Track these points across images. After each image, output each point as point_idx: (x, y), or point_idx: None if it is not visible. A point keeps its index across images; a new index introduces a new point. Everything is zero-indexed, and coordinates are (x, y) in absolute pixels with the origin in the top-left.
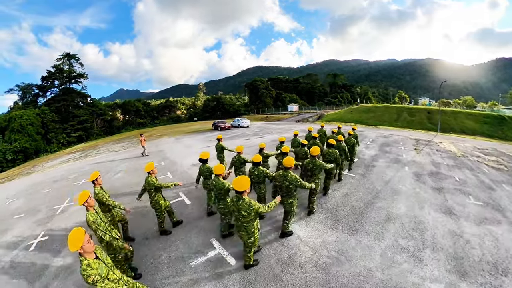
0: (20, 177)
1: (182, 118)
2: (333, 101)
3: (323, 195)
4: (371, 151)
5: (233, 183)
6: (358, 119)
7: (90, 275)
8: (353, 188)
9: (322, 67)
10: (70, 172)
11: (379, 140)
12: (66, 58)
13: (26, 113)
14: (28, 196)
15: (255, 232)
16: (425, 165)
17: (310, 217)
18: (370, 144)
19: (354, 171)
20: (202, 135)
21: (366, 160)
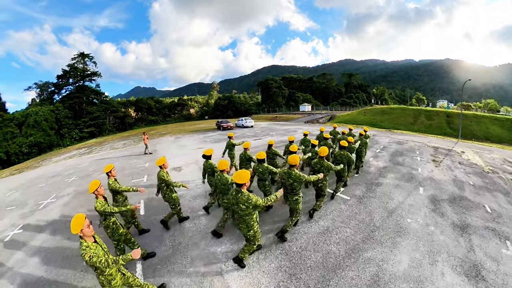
0: (28, 170)
1: (193, 116)
2: (348, 101)
3: (331, 196)
4: (380, 162)
5: (234, 176)
6: (372, 122)
7: (88, 252)
8: (340, 219)
9: (338, 67)
10: (68, 168)
11: (392, 148)
12: (80, 57)
13: (41, 110)
14: (25, 189)
15: (254, 225)
16: (445, 184)
17: (258, 262)
18: (380, 152)
19: (350, 192)
20: (202, 134)
21: (370, 174)
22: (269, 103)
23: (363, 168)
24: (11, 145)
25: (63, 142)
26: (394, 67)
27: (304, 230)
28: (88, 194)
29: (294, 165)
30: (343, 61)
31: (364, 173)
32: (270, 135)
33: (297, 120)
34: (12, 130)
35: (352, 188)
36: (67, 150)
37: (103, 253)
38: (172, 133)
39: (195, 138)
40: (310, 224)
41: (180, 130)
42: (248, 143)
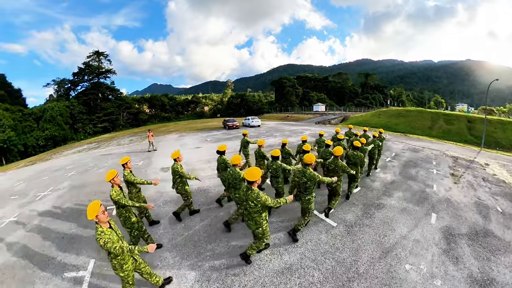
0: (39, 162)
1: (206, 114)
2: (364, 102)
3: (346, 199)
4: (388, 175)
5: (245, 173)
6: (386, 124)
7: (102, 237)
8: (313, 255)
9: (355, 67)
10: (71, 162)
11: (405, 156)
12: (95, 56)
13: (56, 105)
14: (30, 181)
15: (263, 223)
16: (465, 210)
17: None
18: (390, 162)
19: (340, 215)
20: (206, 133)
21: (373, 191)
22: (282, 102)
23: (373, 175)
24: (29, 138)
25: (77, 136)
26: (412, 68)
27: (260, 264)
28: (81, 188)
29: (309, 164)
30: (360, 61)
31: (365, 188)
32: (274, 136)
33: (308, 121)
34: (30, 124)
35: (345, 210)
36: (79, 144)
37: (117, 238)
38: (179, 130)
39: (197, 137)
40: (271, 256)
41: (188, 128)
42: (263, 141)
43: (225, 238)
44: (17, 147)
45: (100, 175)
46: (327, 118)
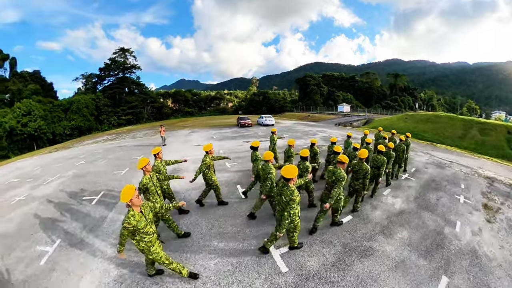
0: (61, 150)
1: (228, 110)
2: (392, 105)
3: (370, 197)
4: (398, 200)
5: (282, 170)
6: (413, 130)
7: (129, 222)
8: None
9: (385, 67)
10: (84, 152)
11: (427, 173)
12: (121, 52)
13: (83, 98)
14: (46, 167)
15: (295, 218)
16: (500, 275)
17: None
18: (407, 180)
19: (300, 256)
20: (216, 130)
21: (368, 224)
22: (305, 101)
23: (378, 198)
24: (57, 127)
25: (101, 127)
26: (444, 70)
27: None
28: (80, 177)
29: (343, 163)
30: (390, 61)
31: (358, 218)
32: (283, 137)
33: (328, 121)
34: (59, 115)
35: (313, 249)
36: (100, 135)
37: (145, 223)
38: (195, 126)
39: (206, 133)
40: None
41: (204, 124)
42: (293, 141)
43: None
44: (46, 135)
45: (100, 166)
46: (350, 119)
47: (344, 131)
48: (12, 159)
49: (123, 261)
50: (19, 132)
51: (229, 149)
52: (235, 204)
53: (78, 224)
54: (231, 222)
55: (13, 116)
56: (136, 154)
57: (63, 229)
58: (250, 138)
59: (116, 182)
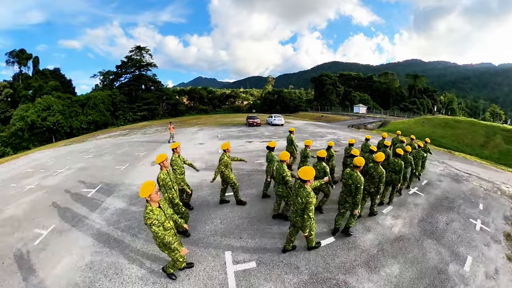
0: (75, 143)
1: (242, 108)
2: (411, 107)
3: (387, 203)
4: (398, 221)
5: (299, 171)
6: (430, 135)
7: (150, 218)
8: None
9: (404, 67)
10: (95, 146)
11: (440, 187)
12: (137, 50)
13: (99, 94)
14: (58, 159)
15: (310, 220)
16: None
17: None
18: (414, 195)
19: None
20: (223, 129)
21: (352, 252)
22: (321, 100)
23: (375, 219)
24: (74, 121)
25: (117, 122)
26: (466, 72)
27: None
28: (84, 170)
29: (359, 167)
30: (409, 61)
31: (345, 243)
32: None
33: (341, 123)
34: (76, 110)
35: (274, 274)
36: (114, 130)
37: (164, 218)
38: (205, 124)
39: (212, 132)
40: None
41: (214, 121)
42: (310, 141)
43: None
44: (64, 128)
45: (105, 161)
46: (365, 121)
47: (356, 134)
48: (32, 150)
49: (99, 250)
50: (39, 126)
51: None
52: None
53: (72, 213)
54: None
55: (34, 111)
56: (141, 150)
57: (59, 216)
58: (254, 138)
59: (115, 177)
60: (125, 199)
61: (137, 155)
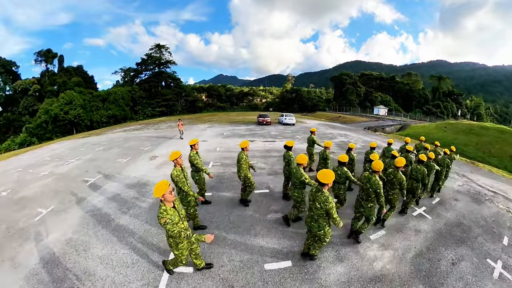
0: (93, 136)
1: (259, 106)
2: (434, 111)
3: (400, 213)
4: (388, 253)
5: (318, 174)
6: (452, 141)
7: (164, 217)
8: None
9: (428, 68)
10: (108, 140)
11: (455, 208)
12: (157, 48)
13: (119, 90)
14: (73, 150)
15: (325, 226)
16: None
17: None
18: (419, 218)
19: None
20: (232, 127)
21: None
22: (340, 100)
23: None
24: (95, 115)
25: (136, 117)
26: (497, 74)
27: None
28: (92, 161)
29: (377, 171)
30: (434, 62)
31: (300, 276)
32: (295, 138)
33: (358, 124)
34: (97, 104)
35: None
36: (131, 125)
37: (178, 219)
38: (217, 121)
39: (220, 129)
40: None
41: (228, 119)
42: (330, 143)
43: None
44: (84, 121)
45: (112, 154)
46: (383, 124)
47: (371, 137)
48: (54, 141)
49: (79, 229)
50: (62, 119)
51: (227, 148)
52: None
53: (70, 197)
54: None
55: (58, 105)
56: (146, 145)
57: (59, 199)
58: (259, 137)
59: (115, 169)
60: (116, 189)
61: (141, 149)
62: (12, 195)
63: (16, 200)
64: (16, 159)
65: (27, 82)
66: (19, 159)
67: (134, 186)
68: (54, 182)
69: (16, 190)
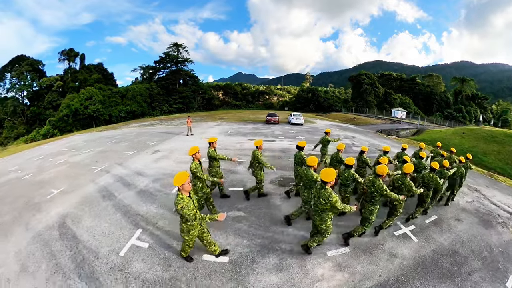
0: (109, 130)
1: (274, 105)
2: (456, 115)
3: (407, 220)
4: (333, 283)
5: (321, 173)
6: (471, 149)
7: (181, 204)
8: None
9: (452, 70)
10: (121, 134)
11: (454, 230)
12: (174, 47)
13: (138, 87)
14: (89, 142)
15: (327, 220)
16: None
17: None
18: (401, 239)
19: None
20: (239, 125)
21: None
22: (357, 101)
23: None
24: (113, 110)
25: (153, 112)
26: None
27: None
28: (102, 153)
29: (381, 175)
30: (458, 63)
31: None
32: (297, 138)
33: (371, 126)
34: (116, 100)
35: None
36: (147, 120)
37: (193, 207)
38: (228, 119)
39: (227, 127)
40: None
41: (239, 117)
42: (343, 145)
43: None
44: (103, 116)
45: (121, 147)
46: (398, 127)
47: (379, 140)
48: (73, 133)
49: (77, 206)
50: (82, 113)
51: (224, 145)
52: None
53: (77, 182)
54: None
55: (78, 100)
56: (153, 140)
57: (68, 182)
58: (260, 136)
59: (120, 160)
60: (115, 177)
61: (148, 144)
62: (33, 178)
63: (35, 182)
64: (39, 149)
65: (51, 79)
66: (41, 149)
67: (130, 176)
68: (67, 169)
69: (36, 174)
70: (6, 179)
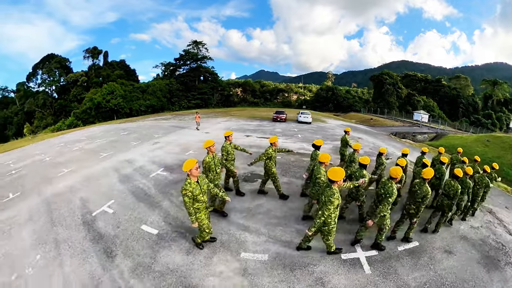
0: (127, 122)
1: (292, 103)
2: (484, 122)
3: (433, 231)
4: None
5: (328, 171)
6: (495, 160)
7: (186, 189)
8: None
9: (484, 72)
10: (137, 126)
11: (437, 267)
12: (194, 44)
13: (158, 83)
14: (105, 132)
15: (330, 222)
16: None
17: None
18: (355, 262)
19: None
20: (245, 122)
21: None
22: (378, 102)
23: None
24: (134, 104)
25: (173, 107)
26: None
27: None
28: (113, 142)
29: (394, 178)
30: (491, 65)
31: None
32: (295, 136)
33: (386, 129)
34: (137, 95)
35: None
36: (164, 115)
37: (199, 191)
38: (239, 116)
39: (234, 124)
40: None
41: (250, 114)
42: (359, 145)
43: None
44: (124, 109)
45: (130, 138)
46: (416, 130)
47: (388, 143)
48: (95, 124)
49: (79, 181)
50: (103, 106)
51: (221, 141)
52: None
53: (85, 164)
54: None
55: (101, 94)
56: (159, 133)
57: (78, 164)
58: (260, 133)
59: (124, 149)
60: (115, 162)
61: (154, 136)
62: (51, 160)
63: (52, 164)
64: (62, 137)
65: (77, 75)
66: (64, 137)
67: (127, 162)
68: (80, 154)
69: (54, 157)
70: (32, 160)
